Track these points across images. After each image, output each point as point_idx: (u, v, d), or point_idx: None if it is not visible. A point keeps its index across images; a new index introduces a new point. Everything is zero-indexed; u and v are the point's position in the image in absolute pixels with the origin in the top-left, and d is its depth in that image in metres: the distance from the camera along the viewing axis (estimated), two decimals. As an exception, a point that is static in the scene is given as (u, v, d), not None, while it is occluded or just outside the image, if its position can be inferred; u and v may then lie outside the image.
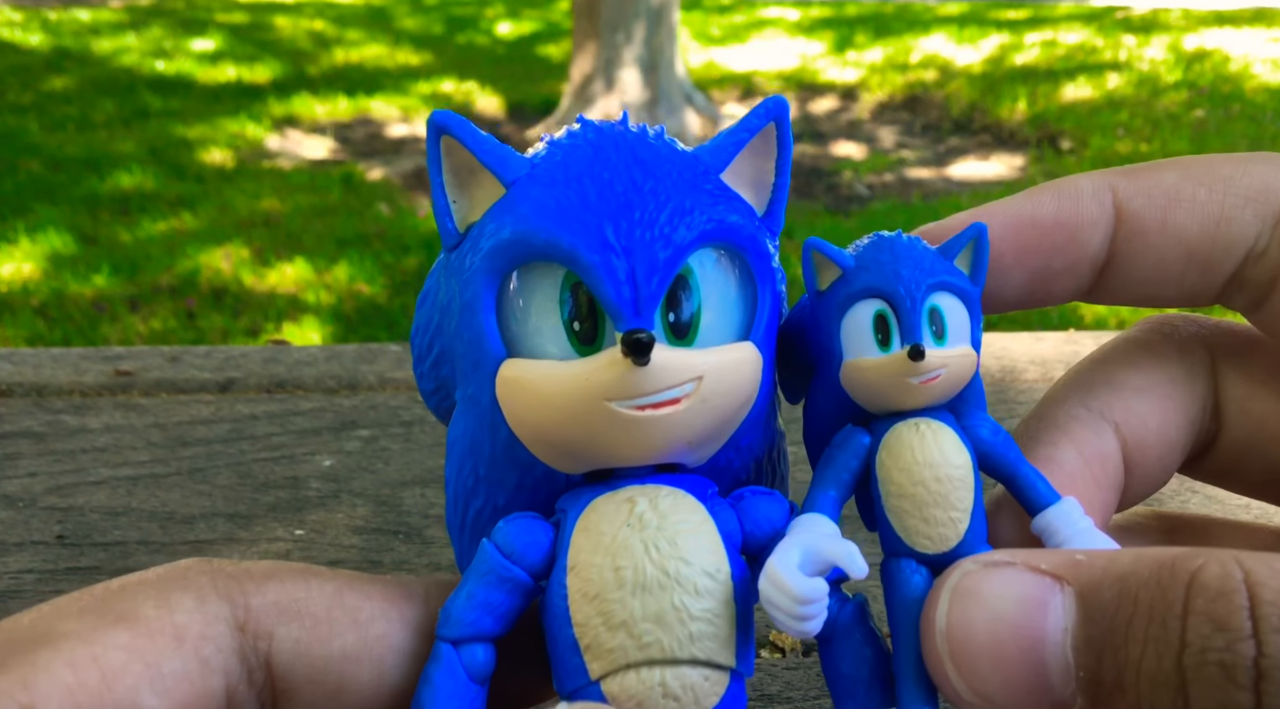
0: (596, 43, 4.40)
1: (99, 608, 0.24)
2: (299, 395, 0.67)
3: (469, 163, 0.26)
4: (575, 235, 0.24)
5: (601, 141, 0.26)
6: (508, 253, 0.25)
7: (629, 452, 0.25)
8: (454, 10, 7.33)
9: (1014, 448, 0.29)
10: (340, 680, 0.26)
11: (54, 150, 3.95)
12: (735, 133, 0.27)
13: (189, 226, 3.23)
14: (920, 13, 6.87)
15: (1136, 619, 0.22)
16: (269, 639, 0.25)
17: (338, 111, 4.71)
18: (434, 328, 0.28)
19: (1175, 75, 4.85)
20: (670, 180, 0.25)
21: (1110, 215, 0.30)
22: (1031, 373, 0.69)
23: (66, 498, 0.55)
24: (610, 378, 0.24)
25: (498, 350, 0.25)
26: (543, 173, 0.26)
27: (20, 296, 2.71)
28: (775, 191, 0.28)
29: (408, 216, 3.38)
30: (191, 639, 0.24)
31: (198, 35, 6.03)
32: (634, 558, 0.24)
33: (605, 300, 0.24)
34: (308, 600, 0.26)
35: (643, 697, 0.24)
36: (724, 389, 0.25)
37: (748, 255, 0.26)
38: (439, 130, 0.26)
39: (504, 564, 0.25)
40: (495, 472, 0.27)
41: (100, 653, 0.23)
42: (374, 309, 2.66)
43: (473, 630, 0.25)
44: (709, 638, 0.24)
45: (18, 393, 0.67)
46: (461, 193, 0.27)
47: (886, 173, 4.00)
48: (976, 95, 4.78)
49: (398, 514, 0.54)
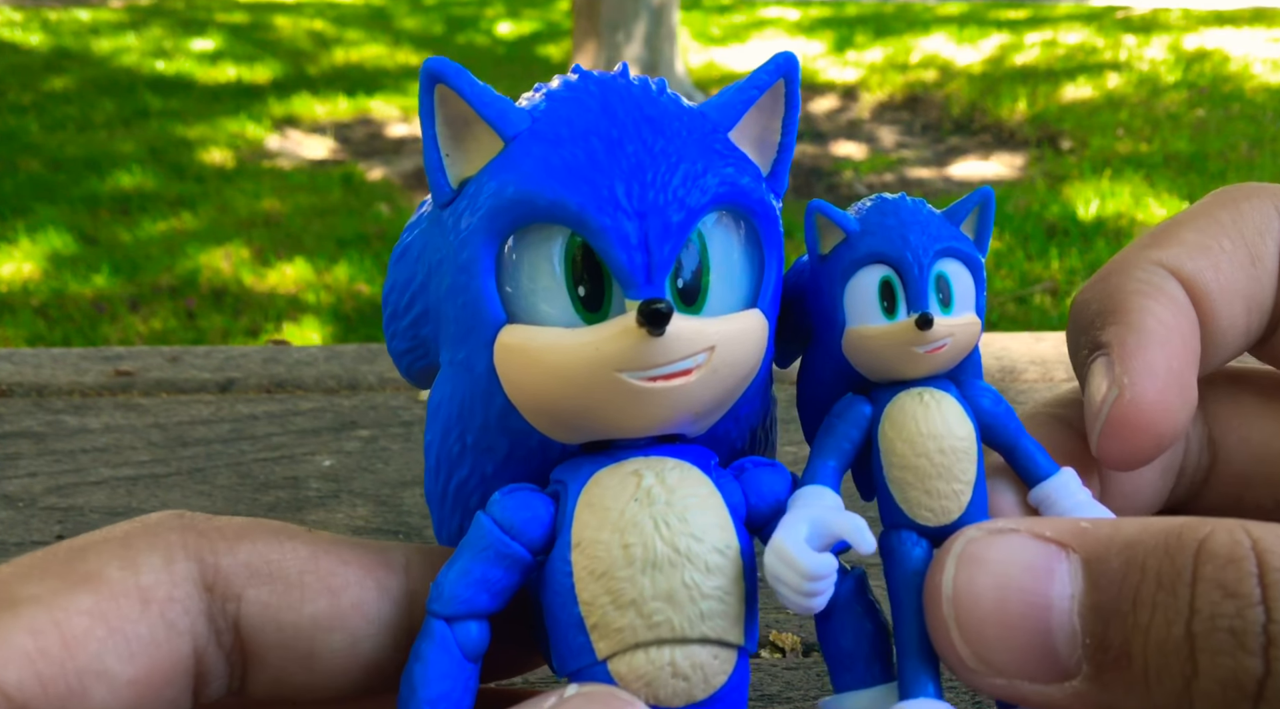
0: (596, 42, 4.40)
1: (61, 570, 0.23)
2: (299, 395, 0.67)
3: (464, 114, 0.25)
4: (584, 196, 0.23)
5: (606, 96, 0.25)
6: (510, 213, 0.24)
7: (634, 423, 0.25)
8: (454, 10, 7.33)
9: (1014, 418, 0.29)
10: (311, 647, 0.25)
11: (54, 150, 3.95)
12: (744, 90, 0.26)
13: (189, 226, 3.23)
14: (920, 13, 6.87)
15: (1145, 586, 0.22)
16: (238, 601, 0.24)
17: (338, 111, 4.71)
18: (416, 284, 0.27)
19: (1175, 75, 4.85)
20: (680, 139, 0.24)
21: (1185, 294, 0.29)
22: (1031, 373, 0.69)
23: (66, 498, 0.55)
24: (623, 348, 0.23)
25: (497, 315, 0.24)
26: (545, 128, 0.24)
27: (20, 296, 2.71)
28: (781, 151, 0.27)
29: (408, 216, 3.37)
30: (158, 601, 0.23)
31: (198, 35, 6.03)
32: (643, 535, 0.24)
33: (616, 266, 0.23)
34: (280, 562, 0.25)
35: (651, 677, 0.24)
36: (734, 359, 0.25)
37: (756, 219, 0.25)
38: (433, 78, 0.24)
39: (502, 539, 0.24)
40: (485, 439, 0.26)
41: (62, 618, 0.22)
42: (374, 309, 2.66)
43: (467, 607, 0.24)
44: (719, 616, 0.24)
45: (18, 393, 0.67)
46: (456, 146, 0.25)
47: (886, 172, 4.00)
48: (976, 95, 4.78)
49: (398, 514, 0.54)
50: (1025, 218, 3.20)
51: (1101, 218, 3.20)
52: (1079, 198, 3.36)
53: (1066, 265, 2.84)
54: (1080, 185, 3.49)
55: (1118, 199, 3.33)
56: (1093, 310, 0.30)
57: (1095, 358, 0.29)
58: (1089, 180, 3.54)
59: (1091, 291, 0.30)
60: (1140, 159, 3.77)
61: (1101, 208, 3.27)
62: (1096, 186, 3.45)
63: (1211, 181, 3.47)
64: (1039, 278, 2.79)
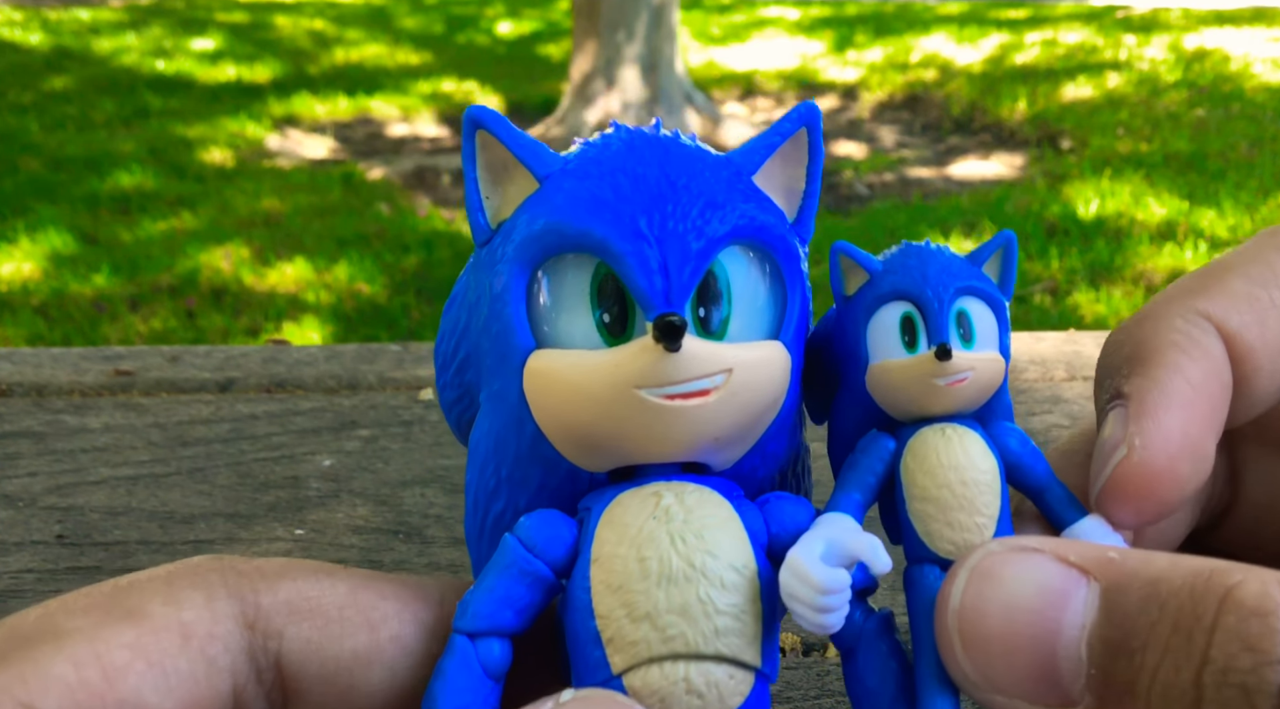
0: (596, 42, 4.40)
1: (105, 605, 0.23)
2: (299, 395, 0.67)
3: (503, 159, 0.26)
4: (608, 225, 0.24)
5: (634, 141, 0.26)
6: (540, 243, 0.25)
7: (656, 446, 0.25)
8: (454, 10, 7.32)
9: (1042, 461, 0.28)
10: (351, 681, 0.25)
11: (54, 150, 3.95)
12: (767, 137, 0.27)
13: (189, 226, 3.23)
14: (920, 12, 6.87)
15: (1160, 626, 0.21)
16: (279, 638, 0.24)
17: (338, 111, 4.71)
18: (460, 329, 0.28)
19: (1175, 75, 4.85)
20: (703, 177, 0.25)
21: (1224, 351, 0.28)
22: (1031, 373, 0.69)
23: (66, 498, 0.55)
24: (641, 365, 0.24)
25: (526, 342, 0.25)
26: (576, 168, 0.26)
27: (20, 296, 2.71)
28: (805, 199, 0.28)
29: (408, 216, 3.37)
30: (198, 638, 0.23)
31: (198, 35, 6.03)
32: (659, 549, 0.24)
33: (636, 289, 0.24)
34: (320, 599, 0.25)
35: (665, 692, 0.24)
36: (753, 384, 0.25)
37: (777, 255, 0.26)
38: (474, 124, 0.26)
39: (526, 557, 0.25)
40: (519, 471, 0.27)
41: (103, 650, 0.22)
42: (374, 309, 2.66)
43: (490, 624, 0.25)
44: (734, 634, 0.24)
45: (18, 393, 0.67)
46: (494, 189, 0.27)
47: (887, 172, 4.00)
48: (976, 95, 4.78)
49: (398, 514, 0.54)
50: (1025, 217, 3.20)
51: (1101, 217, 3.20)
52: (1079, 197, 3.36)
53: (1066, 265, 2.84)
54: (1080, 185, 3.49)
55: (1118, 199, 3.33)
56: (1123, 354, 0.29)
57: (1114, 407, 0.28)
58: (1089, 180, 3.54)
59: (1125, 333, 0.29)
60: (1140, 159, 3.77)
61: (1101, 207, 3.27)
62: (1096, 186, 3.45)
63: (1211, 181, 3.47)
64: (1039, 277, 2.78)
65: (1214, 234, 3.00)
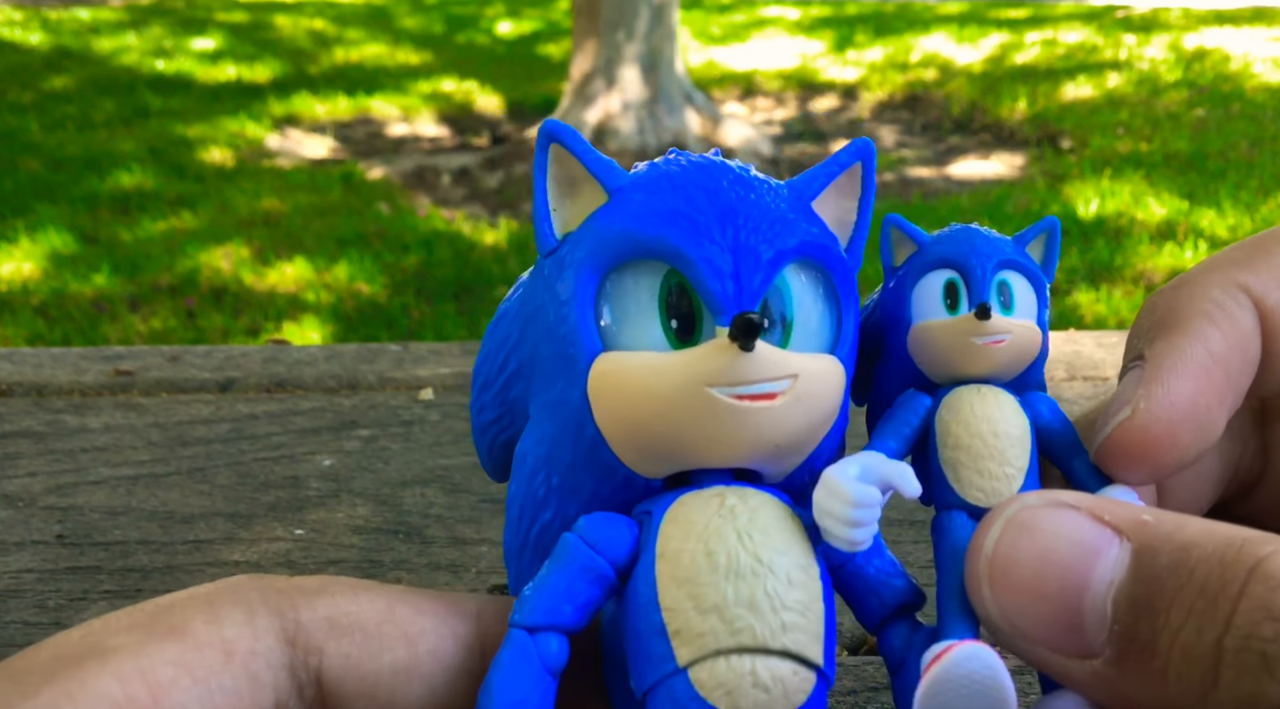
0: (596, 42, 4.40)
1: (148, 623, 0.23)
2: (299, 395, 0.67)
3: (572, 173, 0.27)
4: (682, 232, 0.25)
5: (702, 163, 0.27)
6: (613, 248, 0.26)
7: (720, 448, 0.25)
8: (454, 10, 7.32)
9: (1072, 430, 0.30)
10: (391, 696, 0.25)
11: (54, 150, 3.95)
12: (825, 167, 0.28)
13: (189, 226, 3.23)
14: (920, 12, 6.87)
15: (1187, 590, 0.21)
16: (319, 654, 0.25)
17: (338, 111, 4.71)
18: (511, 343, 0.29)
19: (1175, 74, 4.85)
20: (770, 197, 0.26)
21: (1256, 325, 0.28)
22: (1032, 372, 0.69)
23: (66, 498, 0.55)
24: (715, 364, 0.24)
25: (594, 344, 0.26)
26: (647, 181, 0.27)
27: (20, 296, 2.71)
28: (857, 230, 0.29)
29: (408, 216, 3.38)
30: (241, 654, 0.23)
31: (198, 34, 6.03)
32: (727, 544, 0.24)
33: (707, 294, 0.25)
34: (359, 615, 0.25)
35: (732, 685, 0.24)
36: (816, 392, 0.26)
37: (834, 275, 0.27)
38: (549, 137, 0.27)
39: (588, 553, 0.25)
40: (571, 479, 0.27)
41: (148, 666, 0.22)
42: (374, 309, 2.66)
43: (549, 619, 0.25)
44: (800, 630, 0.24)
45: (18, 393, 0.67)
46: (563, 202, 0.27)
47: (887, 172, 4.00)
48: (976, 94, 4.78)
49: (398, 514, 0.54)
50: (1025, 217, 3.19)
51: (1101, 217, 3.20)
52: (1079, 197, 3.36)
53: (1066, 264, 2.84)
54: (1080, 184, 3.49)
55: (1117, 198, 3.33)
56: (1153, 318, 0.29)
57: (1132, 367, 0.28)
58: (1089, 179, 3.54)
59: (1160, 297, 0.30)
60: (1140, 158, 3.77)
61: (1101, 207, 3.27)
62: (1096, 186, 3.45)
63: (1211, 181, 3.47)
64: (1039, 277, 2.78)
65: (1214, 234, 3.00)
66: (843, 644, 0.44)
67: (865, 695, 0.41)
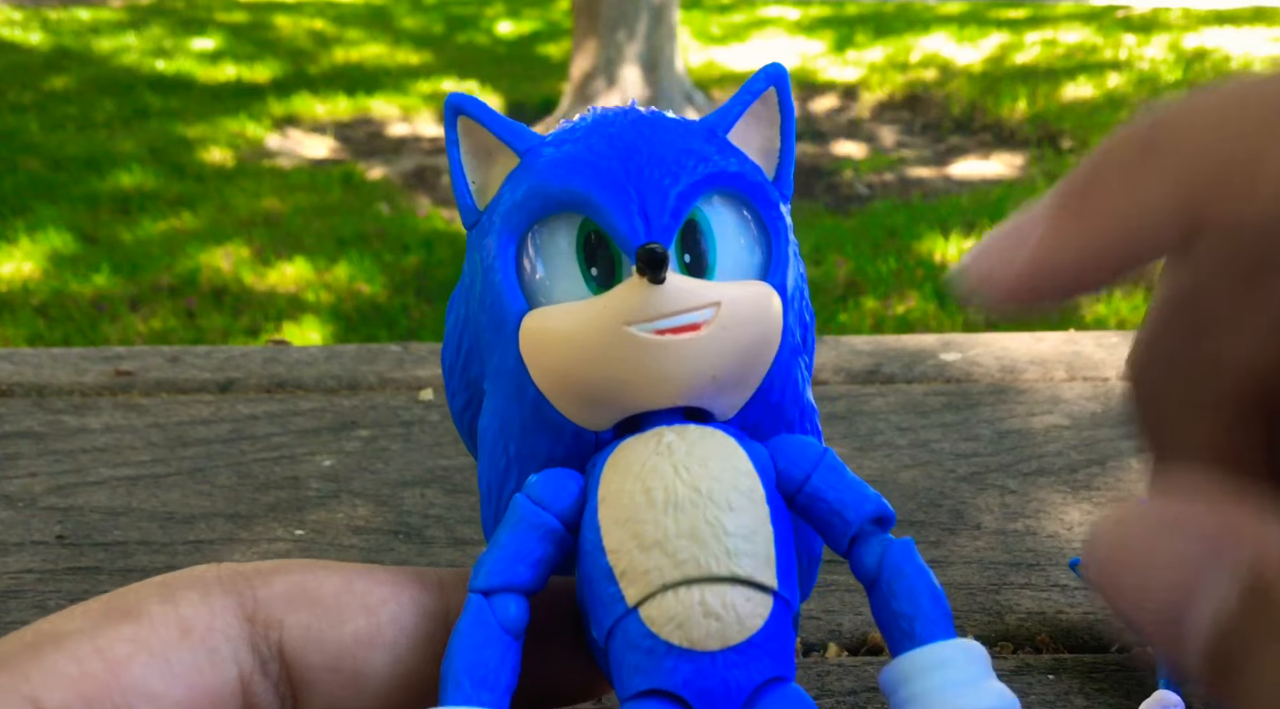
0: (596, 42, 4.40)
1: (103, 609, 0.24)
2: (299, 395, 0.67)
3: (485, 142, 0.27)
4: (588, 179, 0.25)
5: (610, 113, 0.27)
6: (524, 207, 0.26)
7: (653, 387, 0.25)
8: (454, 10, 7.32)
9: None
10: (355, 665, 0.25)
11: (54, 150, 3.95)
12: (737, 98, 0.28)
13: (189, 226, 3.23)
14: (920, 12, 6.87)
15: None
16: (279, 628, 0.25)
17: (338, 111, 4.71)
18: (462, 322, 0.29)
19: (1175, 74, 4.85)
20: (677, 134, 0.26)
21: None
22: (1032, 373, 0.69)
23: (66, 498, 0.55)
24: (628, 302, 0.24)
25: (519, 305, 0.26)
26: (554, 138, 0.27)
27: (20, 296, 2.71)
28: (782, 157, 0.29)
29: (408, 216, 3.37)
30: (198, 631, 0.24)
31: (198, 35, 6.03)
32: (664, 479, 0.24)
33: (617, 234, 0.25)
34: (316, 589, 0.25)
35: (683, 617, 0.23)
36: (743, 318, 0.26)
37: (756, 202, 0.27)
38: (455, 110, 0.27)
39: (534, 510, 0.25)
40: (526, 445, 0.27)
41: (104, 645, 0.23)
42: (374, 309, 2.66)
43: (504, 580, 0.25)
44: (746, 555, 0.24)
45: (18, 393, 0.67)
46: (479, 171, 0.28)
47: (887, 172, 4.00)
48: (977, 94, 4.78)
49: (398, 514, 0.54)
50: (1025, 217, 3.19)
51: (1102, 217, 3.19)
52: (1079, 197, 3.35)
53: (1067, 265, 2.84)
54: (1080, 185, 3.49)
55: (1118, 198, 3.33)
56: None
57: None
58: (1089, 180, 3.54)
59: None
60: (1140, 158, 3.76)
61: (1102, 207, 3.27)
62: (1097, 186, 3.45)
63: (1212, 181, 3.47)
64: (1039, 277, 2.78)
65: (1214, 234, 3.00)
66: (842, 644, 0.45)
67: (865, 696, 0.41)
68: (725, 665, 0.24)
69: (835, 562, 0.47)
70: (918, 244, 2.97)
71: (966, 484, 0.56)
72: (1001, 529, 0.52)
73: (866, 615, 0.46)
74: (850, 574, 0.27)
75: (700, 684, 0.24)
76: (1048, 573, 0.49)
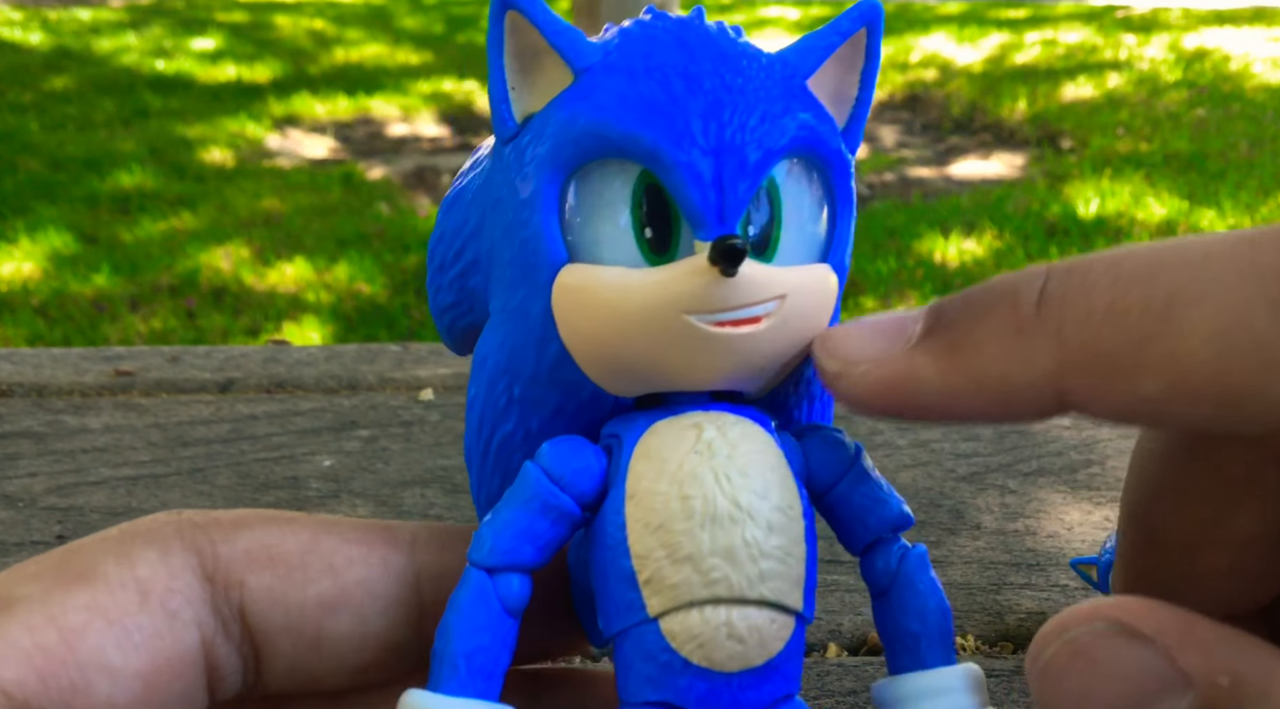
0: (596, 42, 4.40)
1: (55, 569, 0.22)
2: (299, 395, 0.67)
3: (535, 45, 0.24)
4: (659, 130, 0.22)
5: (683, 33, 0.24)
6: (579, 145, 0.23)
7: (697, 373, 0.23)
8: (454, 10, 7.32)
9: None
10: (319, 628, 0.24)
11: (54, 150, 3.95)
12: (824, 36, 0.25)
13: (189, 226, 3.23)
14: (920, 12, 6.87)
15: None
16: (240, 589, 0.23)
17: (338, 111, 4.71)
18: (469, 229, 0.26)
19: (1175, 74, 4.85)
20: (759, 80, 0.23)
21: None
22: (1032, 372, 0.68)
23: (66, 498, 0.55)
24: (693, 288, 0.22)
25: (558, 255, 0.23)
26: (620, 61, 0.23)
27: (20, 296, 2.71)
28: (857, 106, 0.26)
29: (408, 216, 3.37)
30: (158, 593, 0.22)
31: (198, 35, 6.03)
32: (703, 488, 0.22)
33: (688, 204, 0.22)
34: (280, 546, 0.24)
35: (706, 637, 0.22)
36: (804, 312, 0.24)
37: (831, 171, 0.24)
38: (505, 5, 0.23)
39: (551, 490, 0.23)
40: (534, 392, 0.24)
41: (58, 614, 0.21)
42: (374, 309, 2.66)
43: (510, 559, 0.23)
44: (779, 578, 0.23)
45: (18, 393, 0.67)
46: (523, 79, 0.24)
47: (887, 172, 4.00)
48: (977, 94, 4.78)
49: (398, 514, 0.54)
50: (1025, 217, 3.19)
51: (1102, 217, 3.20)
52: (1079, 197, 3.36)
53: (1067, 265, 2.84)
54: (1080, 184, 3.49)
55: (1118, 198, 3.33)
56: None
57: None
58: (1089, 179, 3.54)
59: None
60: (1140, 158, 3.77)
61: (1101, 207, 3.27)
62: (1097, 186, 3.45)
63: (1211, 181, 3.47)
64: (1039, 277, 2.78)
65: (1214, 234, 3.00)
66: (842, 644, 0.44)
67: (865, 696, 0.41)
68: (740, 687, 0.23)
69: (835, 561, 0.47)
70: (918, 244, 2.97)
71: (966, 484, 0.56)
72: (1001, 529, 0.52)
73: (866, 616, 0.46)
74: (850, 574, 0.27)
75: (713, 704, 0.23)
76: (1048, 573, 0.49)
